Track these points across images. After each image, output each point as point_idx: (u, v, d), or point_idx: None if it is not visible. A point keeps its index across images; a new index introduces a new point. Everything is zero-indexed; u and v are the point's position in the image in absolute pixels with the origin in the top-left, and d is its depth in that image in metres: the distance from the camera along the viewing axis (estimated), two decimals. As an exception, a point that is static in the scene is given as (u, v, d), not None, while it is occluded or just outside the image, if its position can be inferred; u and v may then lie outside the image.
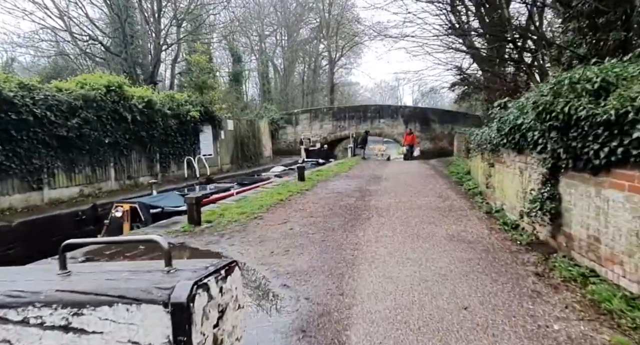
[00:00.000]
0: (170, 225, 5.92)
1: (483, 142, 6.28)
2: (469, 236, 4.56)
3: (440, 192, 7.88)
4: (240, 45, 37.53)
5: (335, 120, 25.17)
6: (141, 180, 10.84)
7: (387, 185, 9.39)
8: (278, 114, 22.87)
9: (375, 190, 8.66)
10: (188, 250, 4.57)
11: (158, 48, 20.17)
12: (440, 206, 6.43)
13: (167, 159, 11.93)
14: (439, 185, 8.87)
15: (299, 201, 7.51)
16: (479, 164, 7.34)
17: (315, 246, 4.58)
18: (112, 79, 9.58)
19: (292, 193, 8.49)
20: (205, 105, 13.54)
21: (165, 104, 11.48)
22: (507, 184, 5.26)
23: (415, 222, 5.40)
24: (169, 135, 11.83)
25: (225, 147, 15.91)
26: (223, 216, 6.24)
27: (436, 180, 9.83)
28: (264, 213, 6.45)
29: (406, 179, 10.46)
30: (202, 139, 13.96)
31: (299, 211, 6.58)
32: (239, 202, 7.42)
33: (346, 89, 46.23)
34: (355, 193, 8.40)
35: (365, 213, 6.26)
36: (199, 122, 13.31)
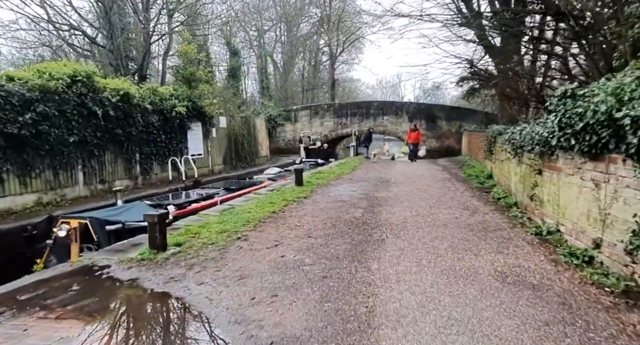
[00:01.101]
0: (128, 249, 4.64)
1: (525, 143, 4.98)
2: (528, 275, 3.28)
3: (464, 202, 6.59)
4: (239, 41, 36.25)
5: (337, 117, 23.88)
6: (117, 184, 9.56)
7: (398, 192, 8.10)
8: (276, 110, 21.55)
9: (385, 199, 7.38)
10: (135, 297, 3.30)
11: (147, 39, 18.83)
12: (471, 223, 5.15)
13: (149, 159, 10.65)
14: (460, 193, 7.58)
15: (295, 214, 6.22)
16: (513, 169, 6.04)
17: (313, 287, 3.31)
18: (79, 68, 8.29)
19: (287, 202, 7.21)
20: (194, 99, 12.23)
21: (145, 98, 10.19)
22: (566, 199, 3.97)
23: (445, 248, 4.12)
24: (150, 133, 10.55)
25: (217, 146, 14.62)
26: (198, 236, 4.97)
27: (454, 186, 8.54)
28: (250, 231, 5.17)
29: (419, 184, 9.17)
30: (190, 137, 12.67)
31: (294, 228, 5.29)
32: (222, 215, 6.14)
33: (347, 86, 44.86)
34: (361, 202, 7.12)
35: (376, 232, 4.98)
36: (186, 119, 12.02)
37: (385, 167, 14.24)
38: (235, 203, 7.53)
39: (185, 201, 7.40)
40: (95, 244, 5.19)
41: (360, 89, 54.91)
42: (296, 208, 6.70)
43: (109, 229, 5.38)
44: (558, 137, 3.77)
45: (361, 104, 24.79)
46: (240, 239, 4.85)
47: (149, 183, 10.65)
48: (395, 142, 38.16)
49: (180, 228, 5.52)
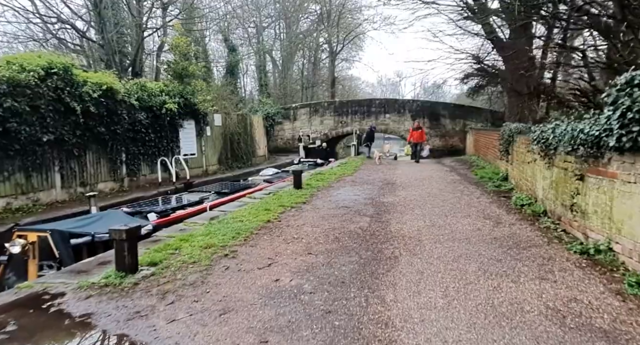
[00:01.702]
0: (93, 269, 3.91)
1: (561, 143, 4.24)
2: (593, 315, 2.54)
3: (483, 209, 5.86)
4: (238, 38, 35.50)
5: (337, 115, 23.15)
6: (101, 187, 8.83)
7: (407, 196, 7.37)
8: (274, 108, 20.78)
9: (393, 205, 6.65)
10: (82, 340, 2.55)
11: (140, 34, 18.04)
12: (497, 236, 4.42)
13: (136, 160, 9.90)
14: (476, 198, 6.85)
15: (293, 223, 5.49)
16: (541, 172, 5.31)
17: (314, 328, 2.58)
18: (56, 60, 7.52)
19: (284, 208, 6.48)
20: (186, 96, 11.47)
21: (132, 94, 9.43)
22: (623, 212, 3.25)
23: (474, 272, 3.39)
24: (138, 132, 9.80)
25: (211, 145, 13.87)
26: (179, 252, 4.23)
27: (467, 189, 7.81)
28: (240, 246, 4.43)
29: (428, 187, 8.44)
30: (182, 136, 11.92)
31: (291, 242, 4.56)
32: (210, 224, 5.40)
33: (347, 84, 44.09)
34: (367, 208, 6.39)
35: (387, 247, 4.25)
36: (177, 116, 11.27)
37: (388, 167, 13.50)
38: (226, 209, 6.80)
39: (170, 207, 6.66)
40: (57, 261, 4.46)
41: (360, 87, 54.14)
42: (294, 216, 5.96)
43: (75, 243, 4.65)
44: (618, 136, 3.04)
45: (362, 101, 24.05)
46: (227, 256, 4.11)
47: (136, 185, 9.90)
48: (396, 141, 37.46)
49: (159, 241, 4.79)
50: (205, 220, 5.88)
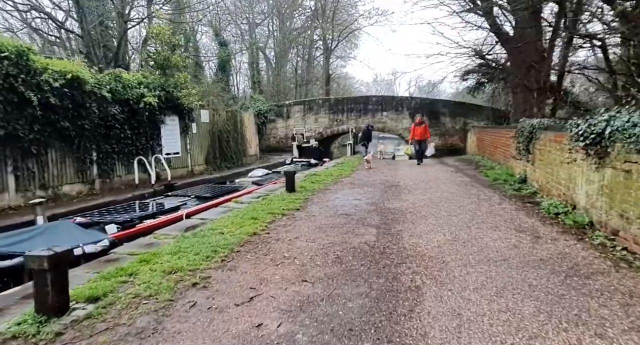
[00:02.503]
0: (11, 306, 2.90)
1: (629, 138, 3.34)
2: None
3: (511, 218, 4.94)
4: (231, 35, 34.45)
5: (332, 113, 22.22)
6: (66, 189, 7.76)
7: (416, 201, 6.44)
8: (266, 105, 19.75)
9: (402, 212, 5.72)
10: None
11: (122, 24, 16.88)
12: (544, 257, 3.49)
13: (110, 159, 8.84)
14: (497, 203, 5.94)
15: (284, 236, 4.52)
16: (584, 174, 4.40)
17: None
18: (7, 43, 6.44)
19: (274, 216, 5.51)
20: (168, 89, 10.41)
21: (103, 85, 8.36)
22: None
23: (533, 315, 2.45)
24: (111, 128, 8.74)
25: (197, 144, 12.83)
26: (134, 278, 3.24)
27: (483, 193, 6.90)
28: (215, 269, 3.46)
29: (437, 190, 7.53)
30: (164, 133, 10.87)
31: (281, 263, 3.59)
32: (182, 238, 4.40)
33: (342, 82, 43.18)
34: (371, 216, 5.45)
35: (405, 271, 3.31)
36: (157, 111, 10.22)
37: (388, 167, 12.59)
38: (207, 216, 5.80)
39: (137, 216, 5.64)
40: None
41: (355, 86, 53.26)
42: (286, 226, 4.99)
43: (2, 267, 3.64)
44: None
45: (359, 99, 23.16)
46: (196, 285, 3.13)
47: (109, 188, 8.84)
48: (390, 141, 36.60)
49: (115, 261, 3.80)
50: (179, 232, 4.88)
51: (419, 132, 12.98)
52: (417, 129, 13.04)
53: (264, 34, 36.70)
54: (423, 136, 13.05)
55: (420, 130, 12.95)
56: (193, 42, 31.45)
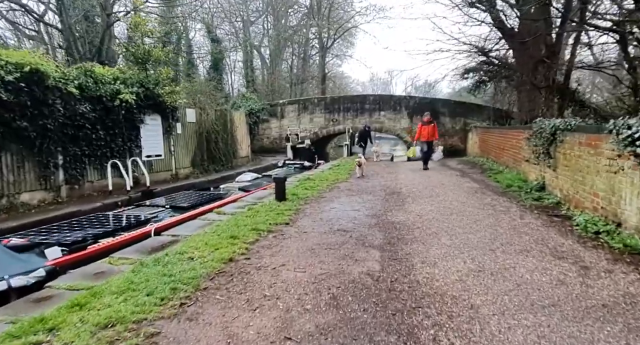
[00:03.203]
0: None
1: None
2: None
3: (542, 237, 4.12)
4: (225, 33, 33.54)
5: (328, 113, 21.39)
6: (25, 198, 6.84)
7: (423, 212, 5.62)
8: (259, 104, 18.85)
9: (408, 226, 4.89)
10: None
11: (105, 18, 15.91)
12: (608, 302, 2.66)
13: (79, 163, 7.91)
14: (518, 217, 5.13)
15: (267, 262, 3.66)
16: (636, 184, 3.59)
17: None
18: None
19: (258, 233, 4.65)
20: (147, 85, 9.49)
21: (70, 80, 7.44)
22: None
23: None
24: (80, 128, 7.83)
25: (183, 145, 11.93)
26: (52, 337, 2.37)
27: (498, 203, 6.09)
28: (168, 321, 2.59)
29: (444, 198, 6.71)
30: (144, 133, 9.96)
31: (258, 309, 2.74)
32: (138, 268, 3.53)
33: (338, 82, 42.36)
34: (373, 233, 4.61)
35: (423, 323, 2.47)
36: (136, 110, 9.30)
37: (388, 171, 11.77)
38: (181, 232, 4.94)
39: (92, 234, 4.75)
40: None
41: (351, 85, 52.48)
42: (271, 247, 4.14)
43: None
44: None
45: (355, 98, 22.33)
46: (138, 347, 2.27)
47: (79, 195, 7.92)
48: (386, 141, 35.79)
49: (45, 300, 2.94)
50: (140, 255, 4.02)
51: (426, 132, 11.39)
52: (425, 129, 11.41)
53: (259, 33, 35.88)
54: (431, 137, 11.51)
55: (428, 131, 11.37)
56: (185, 40, 30.54)
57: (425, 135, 11.39)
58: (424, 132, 11.40)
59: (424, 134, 11.41)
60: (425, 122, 11.51)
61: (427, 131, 11.36)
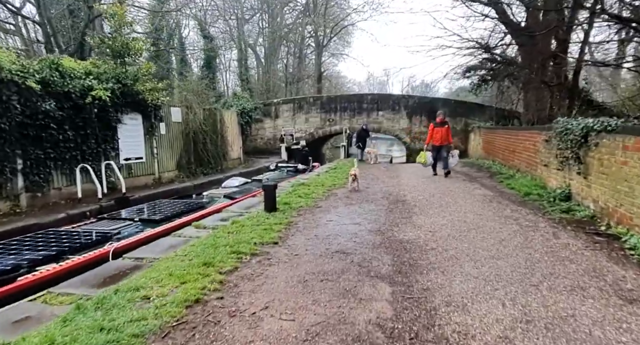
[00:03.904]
0: None
1: None
2: None
3: (593, 266, 3.31)
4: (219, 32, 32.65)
5: (324, 113, 20.58)
6: (-25, 209, 5.92)
7: (435, 228, 4.80)
8: (251, 103, 17.96)
9: (420, 246, 4.07)
10: None
11: (86, 11, 14.94)
12: None
13: (43, 167, 7.01)
14: (551, 235, 4.31)
15: (246, 302, 2.81)
16: None
17: None
18: None
19: (240, 258, 3.80)
20: (125, 81, 8.59)
21: (30, 73, 6.53)
22: None
23: None
24: (44, 128, 6.92)
25: (168, 147, 11.03)
26: None
27: (521, 215, 5.28)
28: None
29: (455, 208, 5.90)
30: (122, 134, 9.06)
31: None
32: (73, 314, 2.66)
33: (334, 81, 41.55)
34: (379, 256, 3.78)
35: None
36: (112, 108, 8.40)
37: (388, 174, 10.96)
38: (144, 255, 4.08)
39: (30, 259, 3.87)
40: None
41: (348, 85, 51.70)
42: (253, 279, 3.29)
43: None
44: None
45: (353, 97, 21.53)
46: None
47: (43, 203, 7.01)
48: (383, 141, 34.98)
49: None
50: (88, 289, 3.17)
51: (439, 135, 9.55)
52: (437, 131, 9.57)
53: (255, 31, 35.03)
54: (444, 141, 9.60)
55: (442, 133, 9.54)
56: (178, 37, 29.60)
57: (438, 139, 9.57)
58: (437, 135, 9.58)
59: (436, 137, 9.57)
60: (437, 123, 9.67)
61: (440, 134, 9.55)
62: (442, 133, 9.56)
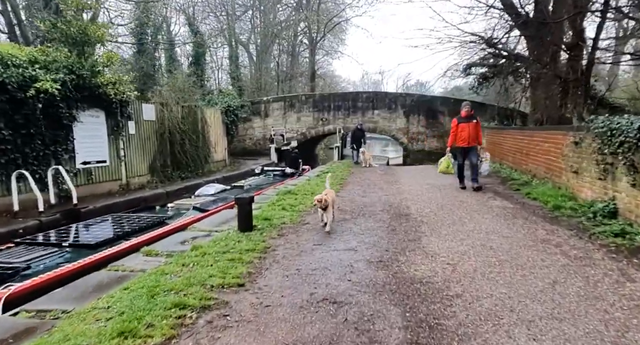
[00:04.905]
0: None
1: None
2: None
3: None
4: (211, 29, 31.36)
5: (317, 112, 19.43)
6: None
7: (454, 258, 3.65)
8: (238, 100, 16.69)
9: (441, 292, 2.92)
10: None
11: None
12: None
13: (-32, 175, 5.72)
14: (623, 277, 3.18)
15: None
16: None
17: None
18: None
19: (181, 317, 2.60)
20: (80, 72, 7.33)
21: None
22: None
23: None
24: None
25: (138, 148, 9.77)
26: None
27: (560, 239, 4.16)
28: None
29: (474, 227, 4.76)
30: (79, 134, 7.80)
31: None
32: None
33: (328, 80, 40.38)
34: (385, 313, 2.62)
35: None
36: (63, 103, 7.13)
37: (386, 179, 9.83)
38: (49, 307, 2.90)
39: None
40: None
41: (342, 85, 50.54)
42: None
43: None
44: None
45: (347, 95, 20.41)
46: None
47: (-32, 219, 5.73)
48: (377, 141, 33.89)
49: None
50: None
51: (465, 133, 7.17)
52: (464, 129, 7.19)
53: (247, 29, 33.82)
54: (473, 141, 7.26)
55: (469, 131, 7.16)
56: (166, 33, 28.29)
57: (465, 138, 7.19)
58: (462, 133, 7.20)
59: (463, 136, 7.21)
60: (462, 117, 7.29)
61: (467, 132, 7.16)
62: (470, 130, 7.19)
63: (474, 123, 7.30)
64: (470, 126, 7.23)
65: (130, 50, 24.63)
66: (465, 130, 7.23)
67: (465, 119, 7.32)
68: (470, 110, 7.44)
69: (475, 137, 7.32)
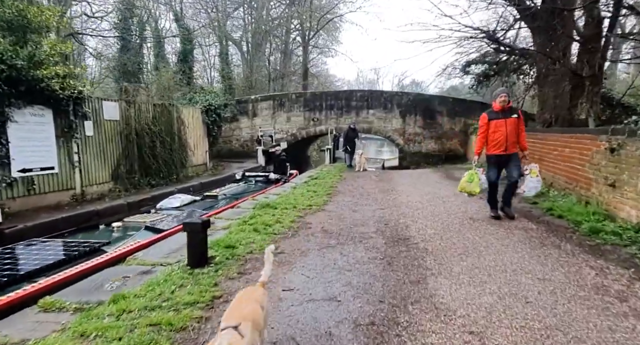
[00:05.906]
0: None
1: None
2: None
3: None
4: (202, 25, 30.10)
5: (308, 111, 18.31)
6: None
7: (477, 320, 2.50)
8: (221, 99, 15.46)
9: None
10: None
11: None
12: None
13: None
14: None
15: None
16: None
17: None
18: None
19: None
20: (13, 62, 6.09)
21: None
22: None
23: None
24: None
25: (97, 153, 8.53)
26: None
27: (621, 285, 3.06)
28: None
29: (495, 262, 3.65)
30: (15, 135, 6.55)
31: None
32: None
33: (322, 80, 39.22)
34: None
35: None
36: (-9, 99, 5.89)
37: (381, 187, 8.71)
38: None
39: None
40: None
41: (336, 84, 49.41)
42: None
43: None
44: None
45: (340, 93, 19.30)
46: None
47: None
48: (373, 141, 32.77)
49: None
50: None
51: (501, 135, 4.92)
52: (499, 127, 4.93)
53: (238, 26, 32.63)
54: (513, 145, 5.00)
55: (507, 131, 4.90)
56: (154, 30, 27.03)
57: (502, 141, 4.93)
58: (497, 134, 4.95)
59: (500, 139, 4.94)
60: (496, 112, 5.01)
61: (503, 132, 4.90)
62: (508, 130, 4.89)
63: (515, 119, 4.92)
64: (509, 124, 4.87)
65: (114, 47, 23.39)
66: (501, 130, 4.88)
67: (501, 114, 4.94)
68: (509, 102, 5.04)
69: (515, 141, 4.97)
